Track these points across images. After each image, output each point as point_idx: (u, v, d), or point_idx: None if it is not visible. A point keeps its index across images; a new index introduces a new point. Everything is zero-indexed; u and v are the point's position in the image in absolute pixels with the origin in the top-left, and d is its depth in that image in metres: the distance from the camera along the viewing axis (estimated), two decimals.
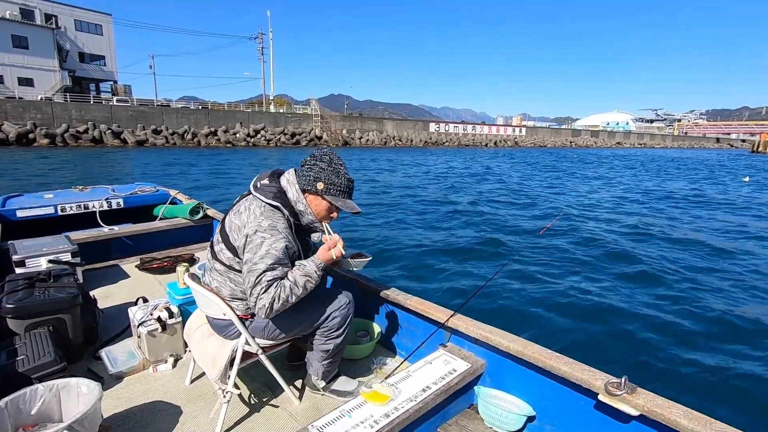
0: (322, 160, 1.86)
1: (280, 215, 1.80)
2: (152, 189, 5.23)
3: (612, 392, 1.57)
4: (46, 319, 2.30)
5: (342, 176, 1.87)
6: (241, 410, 2.07)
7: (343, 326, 2.03)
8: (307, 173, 1.85)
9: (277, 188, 1.84)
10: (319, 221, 1.92)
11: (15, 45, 38.26)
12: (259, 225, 1.74)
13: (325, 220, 1.94)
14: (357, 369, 2.43)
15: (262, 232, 1.73)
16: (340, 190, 1.87)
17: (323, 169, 1.84)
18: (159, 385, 2.26)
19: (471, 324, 2.16)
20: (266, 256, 1.71)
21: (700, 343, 4.20)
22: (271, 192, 1.82)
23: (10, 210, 4.14)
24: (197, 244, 4.66)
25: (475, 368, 2.07)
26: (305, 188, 1.86)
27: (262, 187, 1.85)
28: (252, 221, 1.75)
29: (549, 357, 1.82)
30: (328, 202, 1.88)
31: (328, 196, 1.86)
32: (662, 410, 1.46)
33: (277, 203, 1.80)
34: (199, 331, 2.10)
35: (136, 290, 3.37)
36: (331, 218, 1.95)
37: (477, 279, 5.85)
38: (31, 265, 3.03)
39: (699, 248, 7.64)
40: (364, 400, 1.77)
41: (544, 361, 1.81)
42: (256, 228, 1.73)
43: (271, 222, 1.75)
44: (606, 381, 1.62)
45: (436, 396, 1.85)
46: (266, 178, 1.89)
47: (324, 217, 1.92)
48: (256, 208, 1.78)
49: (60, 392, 1.70)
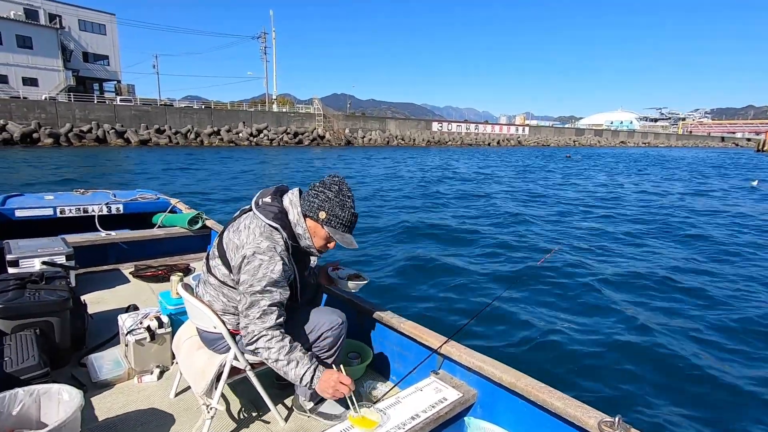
0: (330, 189, 1.83)
1: (279, 236, 1.78)
2: (153, 196, 5.24)
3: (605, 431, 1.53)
4: (34, 321, 2.27)
5: (347, 210, 1.83)
6: (226, 427, 2.02)
7: (335, 347, 2.00)
8: (313, 199, 1.82)
9: (279, 209, 1.82)
10: (315, 248, 1.89)
11: (19, 45, 38.83)
12: (257, 246, 1.72)
13: (321, 248, 1.91)
14: None
15: (261, 254, 1.71)
16: (342, 224, 1.83)
17: (329, 199, 1.81)
18: (143, 397, 2.21)
19: (464, 352, 2.12)
20: (263, 279, 1.69)
21: (698, 385, 4.13)
22: (272, 212, 1.80)
23: (9, 209, 4.14)
24: (194, 254, 4.64)
25: (467, 398, 2.03)
26: (307, 214, 1.83)
27: (263, 205, 1.82)
28: (251, 241, 1.73)
29: (542, 391, 1.78)
30: (327, 233, 1.84)
31: (328, 227, 1.82)
32: None
33: (277, 224, 1.77)
34: (188, 342, 2.07)
35: (129, 297, 3.34)
36: (327, 248, 1.92)
37: (472, 306, 5.80)
38: (25, 266, 3.01)
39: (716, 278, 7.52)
40: (351, 425, 1.73)
41: (537, 395, 1.78)
42: (254, 249, 1.71)
43: (270, 243, 1.73)
44: (599, 419, 1.59)
45: (425, 425, 1.80)
46: (269, 196, 1.86)
47: (320, 245, 1.89)
48: (256, 228, 1.76)
49: (40, 398, 1.66)
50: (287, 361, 1.72)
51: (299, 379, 1.72)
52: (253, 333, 1.71)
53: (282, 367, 1.72)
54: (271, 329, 1.72)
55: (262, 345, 1.71)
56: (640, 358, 4.60)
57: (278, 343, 1.72)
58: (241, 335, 1.77)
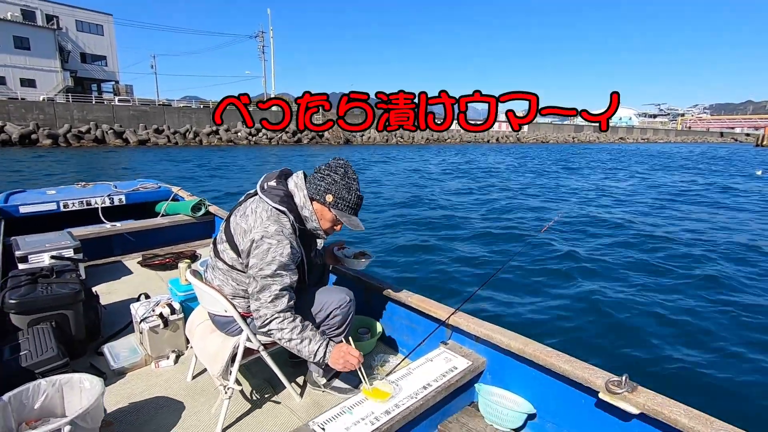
0: (336, 172, 1.84)
1: (286, 219, 1.79)
2: (154, 186, 5.24)
3: (612, 390, 1.57)
4: (49, 315, 2.31)
5: (353, 192, 1.85)
6: (243, 406, 2.08)
7: (344, 324, 2.04)
8: (319, 182, 1.83)
9: (284, 192, 1.83)
10: (322, 230, 1.91)
11: (17, 46, 38.21)
12: (265, 230, 1.73)
13: (328, 231, 1.94)
14: None
15: (269, 238, 1.72)
16: (348, 206, 1.85)
17: (335, 182, 1.82)
18: (161, 381, 2.27)
19: (472, 322, 2.16)
20: (273, 263, 1.71)
21: (704, 341, 4.20)
22: (278, 195, 1.81)
23: (13, 206, 4.15)
24: (199, 240, 4.67)
25: (476, 366, 2.08)
26: (314, 197, 1.84)
27: (269, 189, 1.83)
28: (258, 225, 1.74)
29: (549, 355, 1.82)
30: (334, 215, 1.87)
31: (335, 209, 1.85)
32: (663, 409, 1.46)
33: (284, 207, 1.79)
34: (201, 327, 2.11)
35: (138, 286, 3.38)
36: (334, 230, 1.95)
37: (478, 277, 5.85)
38: (34, 261, 3.05)
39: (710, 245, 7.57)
40: (365, 397, 1.78)
41: (545, 360, 1.81)
42: (262, 233, 1.72)
43: (277, 227, 1.74)
44: (606, 379, 1.62)
45: (437, 393, 1.85)
46: (273, 180, 1.87)
47: (327, 227, 1.92)
48: (263, 212, 1.77)
49: (63, 387, 1.71)
50: (300, 340, 1.77)
51: (313, 355, 1.78)
52: (265, 316, 1.74)
53: (295, 346, 1.78)
54: (283, 312, 1.75)
55: (275, 327, 1.75)
56: (647, 319, 4.66)
57: (290, 324, 1.76)
58: (253, 318, 1.81)
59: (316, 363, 1.88)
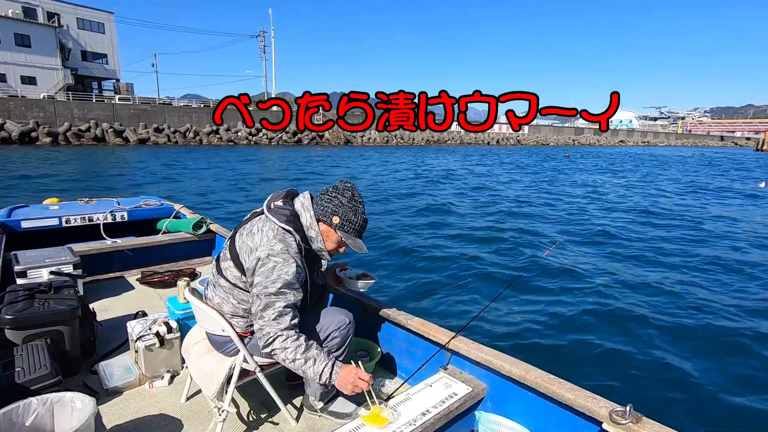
0: (343, 195, 1.87)
1: (292, 239, 1.80)
2: (157, 203, 5.26)
3: (616, 421, 1.53)
4: (45, 331, 2.28)
5: (359, 215, 1.88)
6: (237, 429, 2.03)
7: (342, 347, 2.01)
8: (326, 204, 1.86)
9: (291, 212, 1.85)
10: (326, 251, 1.93)
11: (17, 43, 38.55)
12: (271, 249, 1.74)
13: (332, 252, 1.96)
14: None
15: (275, 257, 1.72)
16: (354, 229, 1.88)
17: (342, 204, 1.86)
18: (154, 402, 2.22)
19: (473, 346, 2.12)
20: (277, 281, 1.71)
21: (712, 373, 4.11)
22: (284, 215, 1.82)
23: (15, 221, 4.16)
24: (199, 258, 4.66)
25: (476, 392, 2.04)
26: (320, 218, 1.87)
27: (276, 208, 1.85)
28: (265, 244, 1.75)
29: (552, 383, 1.78)
30: (339, 237, 1.89)
31: (341, 231, 1.87)
32: None
33: (290, 227, 1.80)
34: (198, 346, 2.08)
35: (136, 304, 3.36)
36: (338, 252, 1.97)
37: (479, 301, 5.79)
38: (33, 276, 3.03)
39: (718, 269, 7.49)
40: (362, 423, 1.74)
41: (547, 387, 1.78)
42: (268, 252, 1.73)
43: (283, 246, 1.75)
44: (610, 409, 1.58)
45: (436, 420, 1.81)
46: (280, 199, 1.89)
47: (332, 249, 1.94)
48: (269, 231, 1.78)
49: (54, 406, 1.67)
50: (305, 360, 1.73)
51: (318, 376, 1.73)
52: (269, 335, 1.72)
53: (300, 366, 1.74)
54: (286, 330, 1.73)
55: (278, 346, 1.72)
56: (651, 348, 4.58)
57: (294, 343, 1.73)
58: (257, 337, 1.78)
59: (323, 384, 1.82)
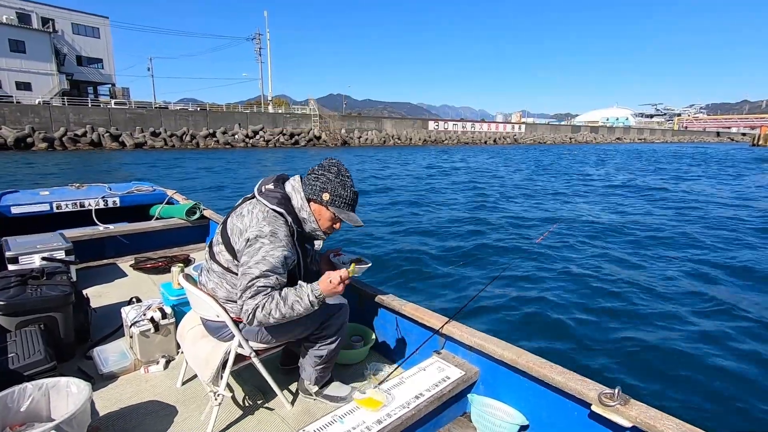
0: (330, 171, 1.86)
1: (282, 222, 1.79)
2: (149, 188, 5.21)
3: (605, 403, 1.57)
4: (38, 317, 2.28)
5: (348, 189, 1.87)
6: (233, 413, 2.05)
7: (337, 332, 2.02)
8: (314, 182, 1.85)
9: (282, 194, 1.84)
10: (321, 230, 1.92)
11: (12, 49, 38.08)
12: (260, 230, 1.73)
13: (328, 230, 1.94)
14: (350, 374, 2.41)
15: (263, 238, 1.72)
16: (345, 203, 1.87)
17: (330, 180, 1.85)
18: (150, 386, 2.24)
19: (465, 331, 2.15)
20: (261, 262, 1.70)
21: (697, 355, 4.20)
22: (275, 198, 1.81)
23: (5, 206, 4.11)
24: (193, 244, 4.65)
25: (469, 376, 2.07)
26: (310, 197, 1.86)
27: (266, 191, 1.84)
28: (254, 225, 1.75)
29: (543, 366, 1.82)
30: (332, 213, 1.88)
31: (333, 207, 1.86)
32: (655, 422, 1.46)
33: (281, 209, 1.79)
34: (192, 332, 2.09)
35: (130, 290, 3.35)
36: (334, 229, 1.96)
37: (473, 286, 5.85)
38: (25, 263, 3.01)
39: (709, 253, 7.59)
40: (357, 406, 1.76)
41: (538, 371, 1.81)
42: (257, 233, 1.72)
43: (272, 228, 1.74)
44: (599, 392, 1.62)
45: (429, 403, 1.84)
46: (271, 183, 1.88)
47: (327, 227, 1.92)
48: (259, 213, 1.78)
49: (49, 391, 1.68)
50: (291, 308, 1.71)
51: (311, 306, 1.74)
52: (247, 311, 1.69)
53: (290, 316, 1.73)
54: (264, 296, 1.69)
55: (261, 316, 1.69)
56: (639, 331, 4.66)
57: (271, 303, 1.69)
58: (243, 321, 1.78)
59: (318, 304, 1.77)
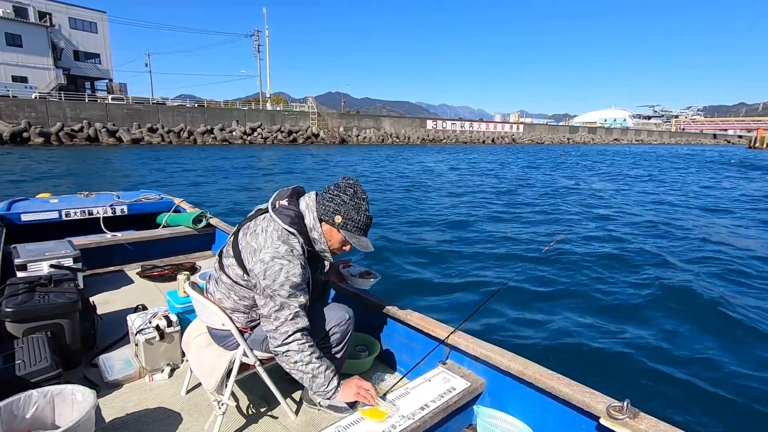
0: (345, 193, 1.83)
1: (295, 240, 1.78)
2: (156, 197, 5.26)
3: (614, 416, 1.54)
4: (45, 324, 2.29)
5: (362, 213, 1.83)
6: (237, 422, 2.04)
7: (342, 342, 2.02)
8: (328, 203, 1.82)
9: (295, 212, 1.82)
10: (330, 251, 1.90)
11: (9, 43, 38.29)
12: (276, 251, 1.72)
13: (337, 251, 1.93)
14: None
15: (280, 259, 1.71)
16: (357, 227, 1.84)
17: (345, 203, 1.81)
18: (154, 395, 2.23)
19: (471, 341, 2.13)
20: (286, 283, 1.69)
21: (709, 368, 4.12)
22: (289, 216, 1.80)
23: (15, 214, 4.16)
24: (199, 252, 4.67)
25: (475, 387, 2.04)
26: (323, 218, 1.83)
27: (281, 208, 1.82)
28: (269, 246, 1.73)
29: (550, 378, 1.79)
30: (343, 236, 1.85)
31: (344, 231, 1.83)
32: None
33: (294, 229, 1.78)
34: (198, 340, 2.09)
35: (136, 297, 3.37)
36: (343, 251, 1.94)
37: (478, 296, 5.81)
38: (33, 270, 3.04)
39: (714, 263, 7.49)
40: (361, 417, 1.74)
41: (545, 382, 1.78)
42: (273, 255, 1.71)
43: (287, 248, 1.73)
44: (608, 404, 1.59)
45: (435, 414, 1.82)
46: (286, 199, 1.85)
47: (336, 248, 1.90)
48: (274, 232, 1.76)
49: (54, 399, 1.68)
50: (319, 363, 1.77)
51: (328, 381, 1.78)
52: (286, 333, 1.71)
53: (312, 369, 1.76)
54: (303, 331, 1.75)
55: (295, 347, 1.73)
56: (648, 343, 4.60)
57: (311, 347, 1.75)
58: (269, 337, 1.77)
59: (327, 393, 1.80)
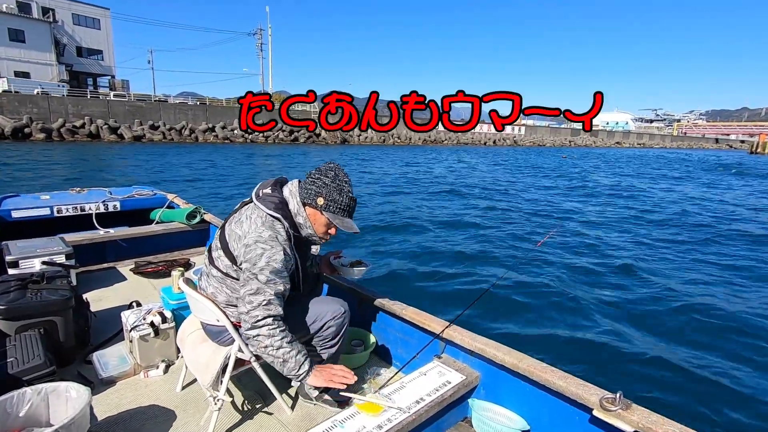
0: (326, 176, 1.84)
1: (280, 226, 1.79)
2: (149, 192, 5.21)
3: (607, 408, 1.56)
4: (38, 321, 2.27)
5: (344, 194, 1.84)
6: (232, 418, 2.04)
7: (337, 336, 2.02)
8: (310, 187, 1.84)
9: (279, 199, 1.84)
10: (317, 236, 1.91)
11: (11, 39, 38.04)
12: (259, 236, 1.73)
13: (323, 235, 1.93)
14: None
15: (263, 243, 1.72)
16: (340, 208, 1.85)
17: (326, 185, 1.83)
18: (149, 391, 2.23)
19: (466, 336, 2.14)
20: (266, 268, 1.71)
21: (699, 360, 4.19)
22: (273, 203, 1.81)
23: (6, 210, 4.11)
24: (193, 248, 4.64)
25: (470, 380, 2.06)
26: (306, 201, 1.85)
27: (264, 196, 1.84)
28: (253, 231, 1.75)
29: (544, 371, 1.81)
30: (327, 219, 1.86)
31: (327, 212, 1.84)
32: (657, 427, 1.45)
33: (278, 214, 1.79)
34: (193, 336, 2.08)
35: (130, 294, 3.35)
36: (329, 234, 1.94)
37: (473, 290, 5.83)
38: (25, 267, 3.01)
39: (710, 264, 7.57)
40: (357, 411, 1.75)
41: (539, 375, 1.80)
42: (256, 238, 1.73)
43: (271, 233, 1.75)
44: (601, 396, 1.61)
45: (430, 408, 1.83)
46: (269, 187, 1.88)
47: (322, 232, 1.91)
48: (257, 218, 1.78)
49: (48, 396, 1.67)
50: (290, 348, 1.75)
51: (298, 366, 1.77)
52: (257, 317, 1.71)
53: (283, 354, 1.75)
54: (275, 317, 1.73)
55: (266, 332, 1.72)
56: (640, 336, 4.65)
57: (282, 332, 1.75)
58: (241, 320, 1.77)
59: (298, 376, 1.80)
